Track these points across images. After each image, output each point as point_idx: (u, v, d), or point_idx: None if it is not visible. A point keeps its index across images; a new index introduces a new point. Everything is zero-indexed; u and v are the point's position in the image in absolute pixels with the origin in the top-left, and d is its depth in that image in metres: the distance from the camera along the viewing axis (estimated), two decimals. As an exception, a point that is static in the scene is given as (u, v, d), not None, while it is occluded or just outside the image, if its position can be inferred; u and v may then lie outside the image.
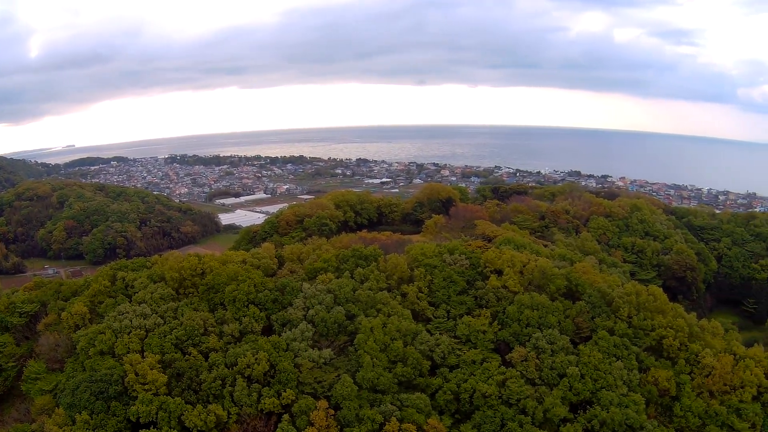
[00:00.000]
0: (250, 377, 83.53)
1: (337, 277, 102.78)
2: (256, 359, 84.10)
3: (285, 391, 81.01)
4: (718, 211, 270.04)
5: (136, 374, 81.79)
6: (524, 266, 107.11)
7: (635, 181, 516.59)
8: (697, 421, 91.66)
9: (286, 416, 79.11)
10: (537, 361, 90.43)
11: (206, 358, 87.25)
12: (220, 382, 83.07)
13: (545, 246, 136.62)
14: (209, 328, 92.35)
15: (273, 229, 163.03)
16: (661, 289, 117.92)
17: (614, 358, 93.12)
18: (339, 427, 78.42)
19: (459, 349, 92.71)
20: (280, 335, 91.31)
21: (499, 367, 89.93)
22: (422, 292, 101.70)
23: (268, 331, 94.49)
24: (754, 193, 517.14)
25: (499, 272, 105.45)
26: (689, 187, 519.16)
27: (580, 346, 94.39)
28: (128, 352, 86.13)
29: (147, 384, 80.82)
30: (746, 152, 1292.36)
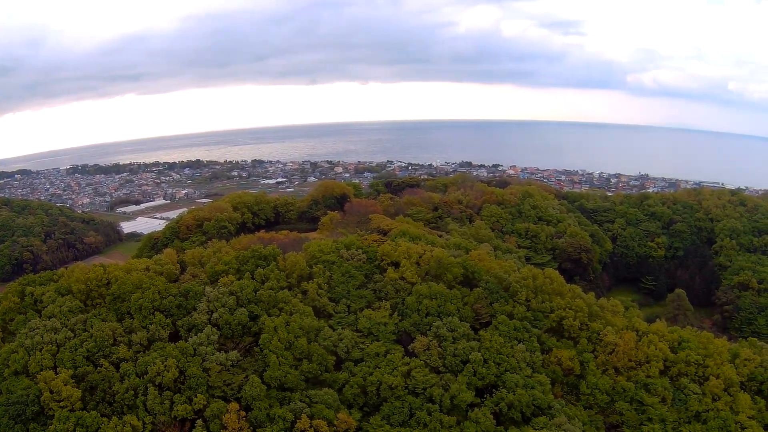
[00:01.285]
0: (161, 385, 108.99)
1: (239, 279, 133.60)
2: (165, 366, 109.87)
3: (196, 397, 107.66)
4: (610, 194, 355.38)
5: (51, 392, 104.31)
6: (420, 257, 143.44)
7: (526, 168, 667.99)
8: (605, 398, 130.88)
9: (199, 422, 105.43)
10: (439, 349, 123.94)
11: (117, 368, 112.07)
12: (132, 392, 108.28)
13: (440, 236, 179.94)
14: (118, 338, 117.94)
15: (174, 235, 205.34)
16: (558, 271, 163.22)
17: (516, 342, 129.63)
18: (251, 428, 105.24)
19: (362, 343, 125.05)
20: (186, 340, 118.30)
21: (402, 357, 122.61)
22: (322, 289, 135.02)
23: (175, 337, 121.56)
24: (647, 175, 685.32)
25: (396, 264, 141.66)
26: (580, 172, 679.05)
27: (481, 332, 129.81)
28: (41, 370, 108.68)
29: (62, 401, 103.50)
30: (637, 135, 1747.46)
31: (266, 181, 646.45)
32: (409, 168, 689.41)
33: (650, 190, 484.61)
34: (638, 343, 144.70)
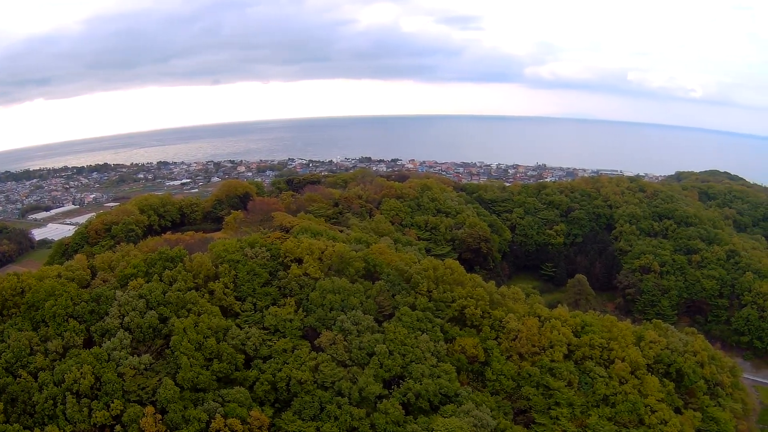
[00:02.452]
0: (79, 392, 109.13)
1: (147, 282, 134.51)
2: (81, 374, 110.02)
3: (113, 402, 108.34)
4: (508, 184, 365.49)
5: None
6: (323, 253, 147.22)
7: (424, 162, 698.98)
8: (511, 383, 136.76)
9: (118, 427, 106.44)
10: (345, 343, 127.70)
11: (36, 378, 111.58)
12: (51, 401, 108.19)
13: (341, 231, 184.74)
14: (35, 347, 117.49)
15: (83, 240, 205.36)
16: (458, 262, 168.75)
17: (419, 332, 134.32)
18: (168, 430, 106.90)
19: (269, 340, 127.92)
20: (100, 346, 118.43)
21: (309, 353, 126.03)
22: (228, 288, 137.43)
23: (89, 343, 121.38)
24: (544, 165, 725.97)
25: (300, 261, 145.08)
26: (478, 164, 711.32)
27: (385, 324, 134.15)
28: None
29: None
30: (535, 127, 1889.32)
31: (171, 183, 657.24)
32: (310, 165, 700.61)
33: (548, 180, 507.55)
34: (541, 328, 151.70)
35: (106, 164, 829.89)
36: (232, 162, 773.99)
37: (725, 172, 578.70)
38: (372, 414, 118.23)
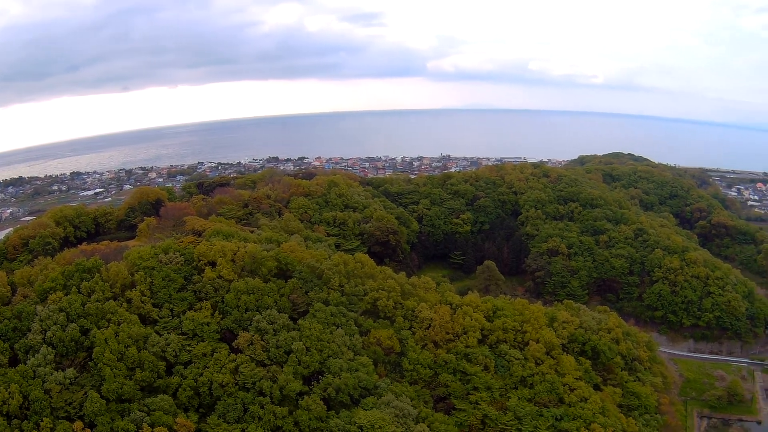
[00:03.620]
0: (9, 414, 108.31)
1: (66, 294, 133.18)
2: (9, 393, 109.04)
3: (42, 421, 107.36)
4: (413, 177, 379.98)
5: None
6: (235, 254, 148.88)
7: (331, 159, 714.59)
8: (429, 372, 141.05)
9: None
10: (262, 342, 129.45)
11: None
12: None
13: (252, 232, 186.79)
14: None
15: (2, 256, 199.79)
16: (368, 255, 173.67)
17: (334, 327, 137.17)
18: None
19: (189, 345, 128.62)
20: (25, 363, 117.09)
21: (229, 355, 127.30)
22: (145, 295, 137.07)
23: (14, 361, 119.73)
24: (449, 156, 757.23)
25: (213, 264, 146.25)
26: (383, 158, 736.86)
27: (300, 321, 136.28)
28: None
29: None
30: (438, 119, 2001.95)
31: (85, 193, 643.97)
32: (219, 168, 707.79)
33: (453, 170, 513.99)
34: (453, 315, 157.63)
35: (21, 178, 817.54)
36: (143, 169, 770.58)
37: (629, 154, 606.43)
38: (295, 411, 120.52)
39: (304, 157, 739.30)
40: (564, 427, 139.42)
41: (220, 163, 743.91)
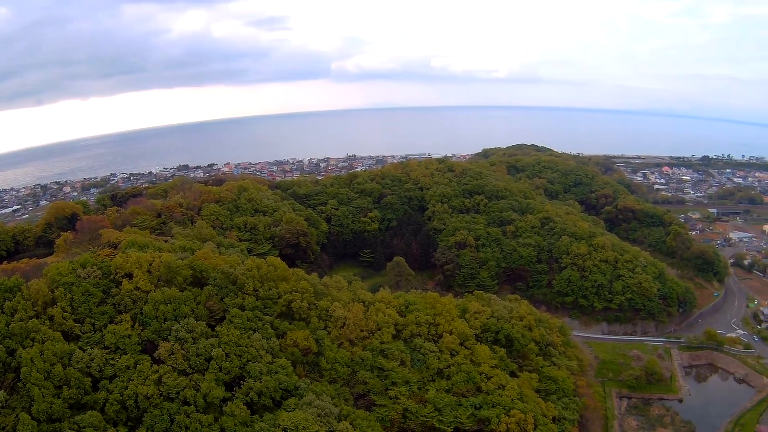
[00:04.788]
0: None
1: None
2: None
3: None
4: (320, 178, 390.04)
5: None
6: (151, 265, 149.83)
7: (239, 164, 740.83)
8: (347, 369, 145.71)
9: None
10: (183, 351, 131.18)
11: None
12: None
13: (166, 241, 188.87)
14: None
15: None
16: (280, 258, 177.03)
17: (251, 331, 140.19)
18: None
19: (112, 359, 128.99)
20: None
21: (151, 366, 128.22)
22: (66, 311, 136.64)
23: None
24: (354, 155, 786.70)
25: (130, 275, 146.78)
26: (291, 161, 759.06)
27: (218, 328, 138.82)
28: None
29: None
30: (343, 119, 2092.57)
31: (3, 211, 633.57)
32: (132, 178, 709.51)
33: (359, 169, 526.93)
34: (366, 313, 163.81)
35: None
36: (58, 183, 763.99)
37: (532, 145, 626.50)
38: (220, 418, 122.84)
39: (213, 164, 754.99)
40: (484, 415, 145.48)
41: (132, 174, 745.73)
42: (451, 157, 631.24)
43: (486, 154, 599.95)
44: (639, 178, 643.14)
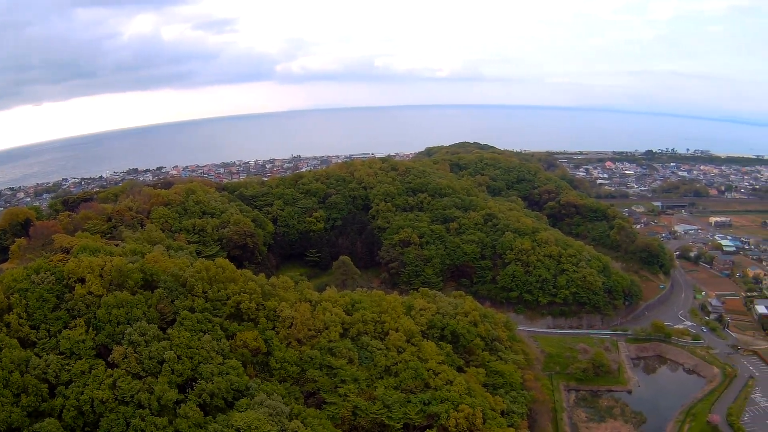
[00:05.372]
0: None
1: None
2: None
3: None
4: (266, 179, 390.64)
5: None
6: (102, 269, 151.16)
7: (187, 167, 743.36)
8: (296, 368, 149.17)
9: None
10: (136, 355, 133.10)
11: None
12: None
13: (117, 245, 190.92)
14: None
15: None
16: (228, 260, 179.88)
17: (202, 333, 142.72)
18: None
19: (68, 364, 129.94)
20: None
21: (106, 370, 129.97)
22: (22, 318, 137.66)
23: None
24: (299, 156, 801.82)
25: (83, 280, 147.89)
26: (237, 163, 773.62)
27: (169, 330, 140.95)
28: None
29: None
30: (288, 121, 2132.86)
31: None
32: (83, 183, 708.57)
33: (304, 170, 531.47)
34: (314, 312, 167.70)
35: None
36: (11, 189, 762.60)
37: (475, 143, 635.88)
38: (174, 420, 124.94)
39: (162, 167, 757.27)
40: (433, 411, 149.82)
41: (83, 179, 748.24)
42: (394, 156, 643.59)
43: (429, 152, 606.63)
44: (582, 174, 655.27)
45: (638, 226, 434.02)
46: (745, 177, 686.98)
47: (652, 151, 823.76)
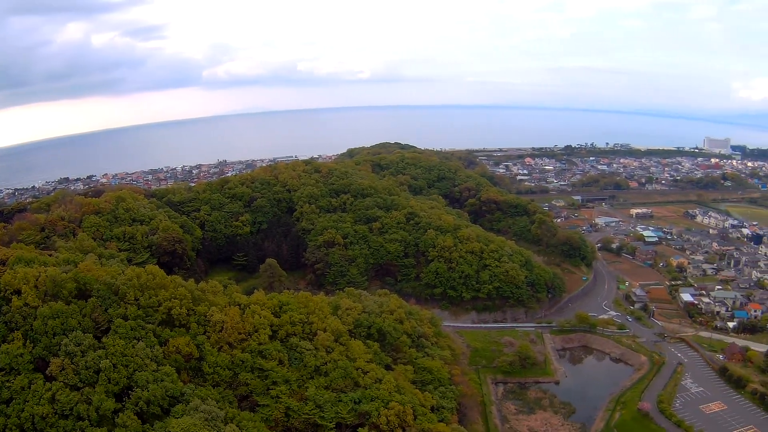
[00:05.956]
0: None
1: None
2: None
3: None
4: (193, 184, 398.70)
5: None
6: (37, 279, 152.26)
7: (116, 175, 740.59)
8: (228, 372, 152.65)
9: None
10: (73, 366, 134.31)
11: None
12: None
13: (50, 255, 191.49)
14: None
15: None
16: (158, 266, 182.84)
17: (135, 341, 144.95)
18: None
19: (7, 381, 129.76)
20: None
21: (44, 384, 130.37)
22: None
23: None
24: (225, 161, 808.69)
25: (19, 292, 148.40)
26: (164, 169, 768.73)
27: (104, 339, 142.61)
28: None
29: None
30: (213, 126, 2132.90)
31: None
32: (16, 194, 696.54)
33: (230, 174, 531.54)
34: (243, 315, 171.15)
35: None
36: None
37: (396, 143, 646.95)
38: (113, 430, 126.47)
39: (92, 175, 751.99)
40: (364, 410, 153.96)
41: (16, 189, 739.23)
42: (317, 158, 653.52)
43: (351, 153, 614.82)
44: (501, 170, 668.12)
45: (558, 220, 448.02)
46: (666, 169, 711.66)
47: (571, 146, 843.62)
